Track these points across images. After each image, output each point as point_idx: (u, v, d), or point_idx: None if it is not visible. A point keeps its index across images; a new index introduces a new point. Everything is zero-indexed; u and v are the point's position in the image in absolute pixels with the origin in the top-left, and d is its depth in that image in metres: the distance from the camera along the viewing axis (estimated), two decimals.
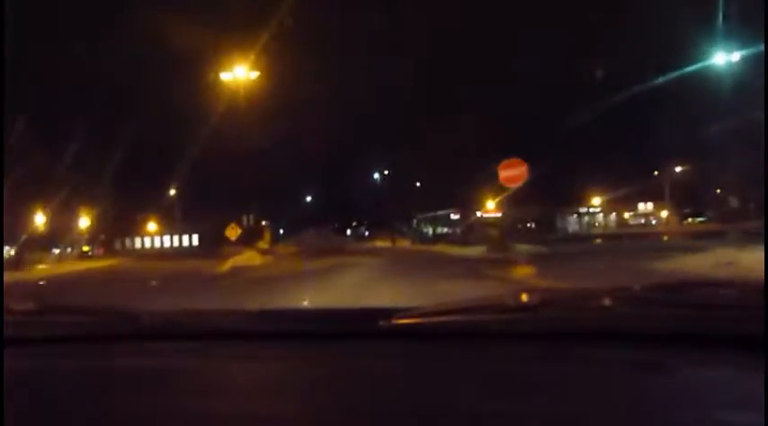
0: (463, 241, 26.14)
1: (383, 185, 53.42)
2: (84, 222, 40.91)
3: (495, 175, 19.37)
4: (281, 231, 59.84)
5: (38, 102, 29.52)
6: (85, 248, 44.41)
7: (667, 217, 56.83)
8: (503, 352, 1.03)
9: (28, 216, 31.09)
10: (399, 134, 48.41)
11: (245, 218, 25.34)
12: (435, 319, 1.13)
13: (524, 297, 1.14)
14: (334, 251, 29.19)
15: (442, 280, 10.82)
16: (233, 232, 23.84)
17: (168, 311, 1.38)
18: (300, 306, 6.68)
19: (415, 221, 57.77)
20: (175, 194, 46.50)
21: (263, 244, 31.71)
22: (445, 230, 52.43)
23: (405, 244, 39.07)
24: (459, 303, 1.19)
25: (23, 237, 27.86)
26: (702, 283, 1.22)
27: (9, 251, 28.06)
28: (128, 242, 54.62)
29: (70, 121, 29.96)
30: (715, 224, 39.61)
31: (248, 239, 30.62)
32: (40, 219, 34.85)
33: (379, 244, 38.99)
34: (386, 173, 47.41)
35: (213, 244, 31.82)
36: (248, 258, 22.86)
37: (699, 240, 21.11)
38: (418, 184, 50.34)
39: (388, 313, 1.14)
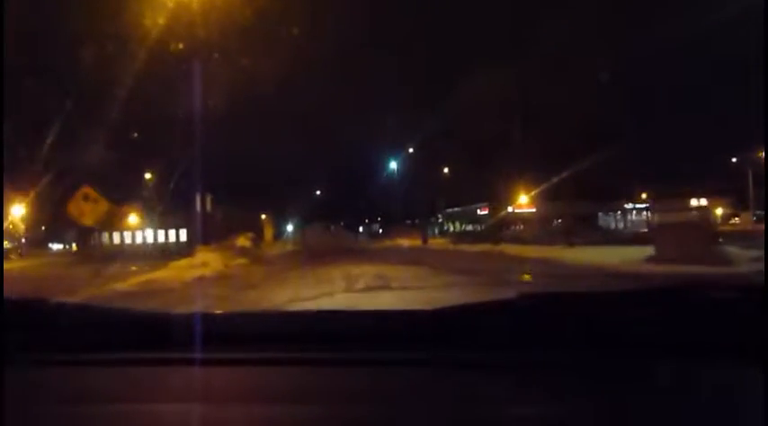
0: (566, 239, 15.05)
1: (402, 177, 43.43)
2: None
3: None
4: (290, 226, 51.55)
5: None
6: (7, 245, 34.50)
7: (735, 215, 46.10)
8: (509, 356, 0.99)
9: None
10: (424, 116, 39.53)
11: (198, 200, 14.28)
12: (444, 320, 1.09)
13: (531, 300, 1.09)
14: (344, 252, 18.49)
15: None
16: (85, 209, 11.86)
17: (186, 314, 1.20)
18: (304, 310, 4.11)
19: (440, 217, 48.90)
20: (151, 178, 36.27)
21: (244, 241, 20.93)
22: (469, 227, 46.31)
23: (439, 243, 27.93)
24: (468, 305, 1.10)
25: None
26: (703, 285, 1.06)
27: None
28: (106, 237, 45.05)
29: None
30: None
31: (217, 233, 20.06)
32: None
33: (404, 242, 27.78)
34: (410, 151, 37.10)
35: (205, 241, 21.73)
36: (187, 266, 12.01)
37: None
38: (446, 170, 40.67)
39: (397, 314, 1.14)
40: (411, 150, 36.31)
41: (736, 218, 45.72)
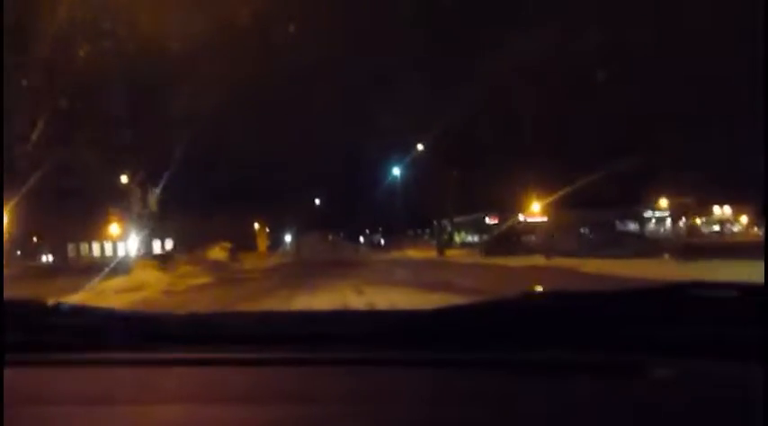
0: (680, 251, 11.26)
1: (406, 183, 40.10)
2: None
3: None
4: (288, 236, 48.29)
5: None
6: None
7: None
8: (508, 358, 0.97)
9: None
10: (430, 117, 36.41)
11: (139, 203, 10.51)
12: (441, 321, 1.07)
13: (533, 300, 1.10)
14: (343, 267, 14.46)
15: None
16: None
17: (175, 314, 1.23)
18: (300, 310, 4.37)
19: (449, 226, 45.46)
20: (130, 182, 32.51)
21: (218, 253, 17.07)
22: (469, 238, 44.68)
23: (456, 254, 23.79)
24: (470, 305, 1.09)
25: None
26: (703, 284, 1.04)
27: None
28: (85, 248, 41.57)
29: None
30: None
31: (192, 243, 16.26)
32: None
33: (414, 254, 23.76)
34: (419, 148, 33.49)
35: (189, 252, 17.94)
36: (117, 289, 8.11)
37: None
38: (455, 175, 37.47)
39: (394, 315, 1.12)
40: (420, 147, 32.73)
41: (755, 227, 42.36)
